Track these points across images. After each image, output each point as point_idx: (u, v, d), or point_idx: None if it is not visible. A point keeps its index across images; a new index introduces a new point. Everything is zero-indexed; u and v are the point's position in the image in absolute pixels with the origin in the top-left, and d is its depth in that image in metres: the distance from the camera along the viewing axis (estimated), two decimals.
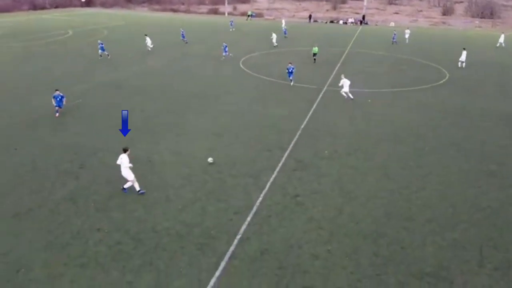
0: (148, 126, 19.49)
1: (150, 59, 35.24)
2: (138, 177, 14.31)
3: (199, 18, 74.40)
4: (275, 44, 43.16)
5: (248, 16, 74.47)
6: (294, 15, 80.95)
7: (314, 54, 35.18)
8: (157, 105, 22.73)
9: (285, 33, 50.49)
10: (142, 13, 79.57)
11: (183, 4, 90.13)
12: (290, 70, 27.07)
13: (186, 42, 43.98)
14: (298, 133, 19.09)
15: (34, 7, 77.92)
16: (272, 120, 20.86)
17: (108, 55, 35.04)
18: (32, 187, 13.64)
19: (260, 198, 13.36)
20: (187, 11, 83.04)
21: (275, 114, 21.72)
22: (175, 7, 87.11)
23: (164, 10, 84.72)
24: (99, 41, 35.88)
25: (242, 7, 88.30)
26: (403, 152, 17.29)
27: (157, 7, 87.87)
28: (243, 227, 11.79)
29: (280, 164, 15.88)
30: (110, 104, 22.62)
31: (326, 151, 17.20)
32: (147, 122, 20.04)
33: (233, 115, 21.41)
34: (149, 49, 38.16)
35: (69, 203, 12.78)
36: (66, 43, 42.73)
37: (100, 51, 34.90)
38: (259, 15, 78.62)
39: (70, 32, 49.58)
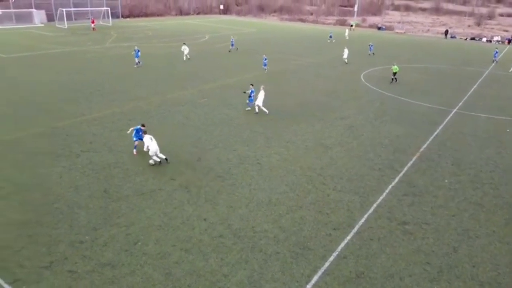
0: (261, 130, 20.28)
1: (275, 64, 36.61)
2: (245, 177, 15.11)
3: (318, 27, 74.53)
4: (346, 61, 39.03)
5: (351, 26, 72.06)
6: (428, 30, 75.28)
7: (394, 74, 31.44)
8: (273, 109, 23.46)
9: (370, 49, 44.61)
10: (272, 22, 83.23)
11: (311, 14, 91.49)
12: (250, 94, 22.86)
13: (230, 51, 43.04)
14: (415, 156, 17.68)
15: (181, 13, 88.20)
16: (387, 138, 19.74)
17: (139, 62, 33.68)
18: (156, 171, 15.39)
19: (364, 219, 12.75)
20: (314, 21, 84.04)
21: (392, 132, 20.50)
22: (303, 17, 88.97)
23: (292, 19, 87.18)
24: (135, 48, 34.50)
25: (372, 19, 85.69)
26: None
27: (286, 16, 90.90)
28: (341, 244, 11.41)
29: (390, 186, 14.92)
30: (232, 105, 24.17)
31: (446, 180, 15.56)
32: (261, 125, 20.86)
33: (347, 128, 20.88)
34: (186, 58, 37.21)
35: (184, 190, 14.06)
36: (202, 46, 47.15)
37: (135, 58, 33.58)
38: (389, 28, 75.19)
39: (207, 37, 54.54)
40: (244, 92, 23.25)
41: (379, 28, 74.85)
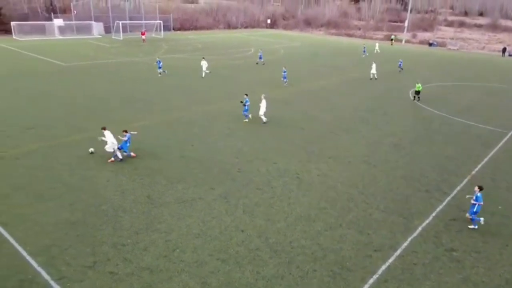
0: (303, 144, 20.10)
1: (316, 79, 36.39)
2: (284, 190, 14.99)
3: (365, 42, 73.43)
4: (374, 77, 37.28)
5: (391, 40, 69.72)
6: (484, 47, 71.66)
7: (418, 92, 29.68)
8: (317, 124, 23.25)
9: (400, 66, 42.49)
10: (318, 36, 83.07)
11: (359, 29, 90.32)
12: (245, 103, 22.86)
13: (257, 63, 43.05)
14: (466, 179, 16.71)
15: (229, 26, 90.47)
16: (436, 158, 18.84)
17: (164, 71, 35.24)
18: (197, 180, 15.67)
19: (407, 242, 12.17)
20: (361, 36, 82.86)
21: (442, 153, 19.54)
22: (351, 32, 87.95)
23: (339, 34, 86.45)
24: (157, 59, 36.27)
25: (423, 35, 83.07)
26: None
27: (333, 31, 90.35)
28: (382, 267, 10.94)
29: (437, 209, 14.17)
30: (275, 118, 24.20)
31: (500, 206, 14.54)
32: (303, 140, 20.69)
33: (393, 146, 20.20)
34: (203, 74, 35.50)
35: (223, 200, 14.18)
36: (247, 58, 47.89)
37: (158, 69, 35.20)
38: (441, 44, 72.45)
39: (252, 50, 55.38)
40: (241, 102, 23.12)
41: (430, 44, 72.31)
